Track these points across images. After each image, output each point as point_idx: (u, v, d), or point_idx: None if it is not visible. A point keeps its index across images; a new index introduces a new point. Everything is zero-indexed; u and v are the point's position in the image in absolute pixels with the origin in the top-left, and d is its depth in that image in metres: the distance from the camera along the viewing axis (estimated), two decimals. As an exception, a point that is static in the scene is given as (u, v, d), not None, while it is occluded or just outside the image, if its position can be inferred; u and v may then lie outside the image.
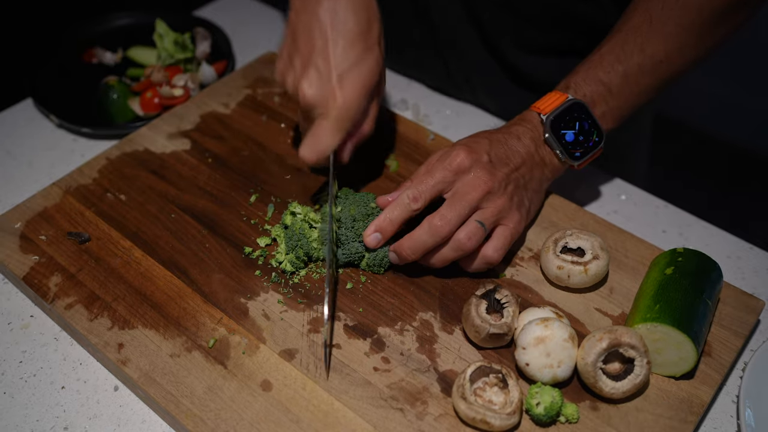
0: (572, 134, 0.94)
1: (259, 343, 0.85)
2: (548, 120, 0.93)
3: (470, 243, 0.86)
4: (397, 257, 0.90)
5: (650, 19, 0.93)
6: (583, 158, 0.96)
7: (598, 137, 0.96)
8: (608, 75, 0.94)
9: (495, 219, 0.88)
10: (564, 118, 0.94)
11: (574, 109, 0.94)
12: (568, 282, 0.89)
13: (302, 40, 0.90)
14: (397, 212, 0.88)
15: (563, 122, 0.94)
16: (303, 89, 0.88)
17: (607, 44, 0.96)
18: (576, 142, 0.95)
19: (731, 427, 0.83)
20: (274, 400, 0.80)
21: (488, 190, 0.87)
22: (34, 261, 0.94)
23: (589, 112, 0.95)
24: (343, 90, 0.88)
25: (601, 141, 0.96)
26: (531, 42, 1.18)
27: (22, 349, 0.89)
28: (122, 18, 1.41)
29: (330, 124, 0.89)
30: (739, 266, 1.00)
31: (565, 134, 0.94)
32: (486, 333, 0.82)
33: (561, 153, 0.94)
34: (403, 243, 0.88)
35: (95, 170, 1.06)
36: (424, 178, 0.88)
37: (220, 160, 1.08)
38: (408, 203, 0.88)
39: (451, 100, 1.27)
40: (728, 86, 2.48)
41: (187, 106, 1.17)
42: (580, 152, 0.95)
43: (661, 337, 0.80)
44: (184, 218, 0.99)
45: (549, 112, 0.93)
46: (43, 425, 0.82)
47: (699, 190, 2.51)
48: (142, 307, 0.89)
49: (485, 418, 0.75)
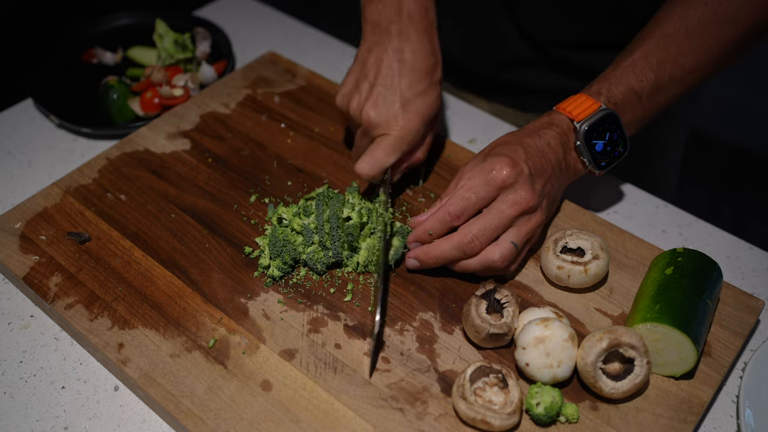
0: (602, 144, 0.94)
1: (259, 343, 0.85)
2: (582, 128, 0.92)
3: (502, 263, 0.87)
4: (418, 264, 0.91)
5: (686, 30, 0.92)
6: (607, 168, 0.96)
7: (623, 148, 0.96)
8: (640, 83, 0.93)
9: (529, 237, 0.89)
10: (597, 128, 0.93)
11: (607, 120, 0.93)
12: (568, 282, 0.89)
13: (372, 71, 0.97)
14: (439, 227, 0.89)
15: (596, 132, 0.93)
16: (368, 110, 0.95)
17: (639, 49, 0.94)
18: (604, 152, 0.95)
19: (731, 426, 0.83)
20: (274, 400, 0.80)
21: (527, 208, 0.87)
22: (34, 261, 0.94)
23: (620, 123, 0.94)
24: (405, 115, 0.95)
25: (626, 152, 0.96)
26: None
27: (22, 349, 0.89)
28: (122, 18, 1.41)
29: (390, 143, 0.95)
30: (739, 266, 1.00)
31: (595, 144, 0.94)
32: (486, 333, 0.82)
33: (589, 162, 0.94)
34: (430, 252, 0.89)
35: (95, 170, 1.06)
36: (466, 194, 0.87)
37: (220, 160, 1.08)
38: (450, 221, 0.88)
39: (450, 100, 1.26)
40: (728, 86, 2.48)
41: (187, 106, 1.17)
42: (605, 162, 0.95)
43: (661, 337, 0.80)
44: (184, 218, 0.99)
45: (582, 119, 0.92)
46: (43, 425, 0.82)
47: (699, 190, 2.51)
48: (142, 307, 0.89)
49: (485, 418, 0.75)
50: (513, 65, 1.24)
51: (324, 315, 0.88)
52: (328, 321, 0.88)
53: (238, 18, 1.47)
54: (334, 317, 0.88)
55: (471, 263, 0.88)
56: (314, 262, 0.92)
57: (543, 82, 1.23)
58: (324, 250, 0.92)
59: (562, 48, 1.18)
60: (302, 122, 1.15)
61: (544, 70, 1.22)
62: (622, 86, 0.94)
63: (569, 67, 1.19)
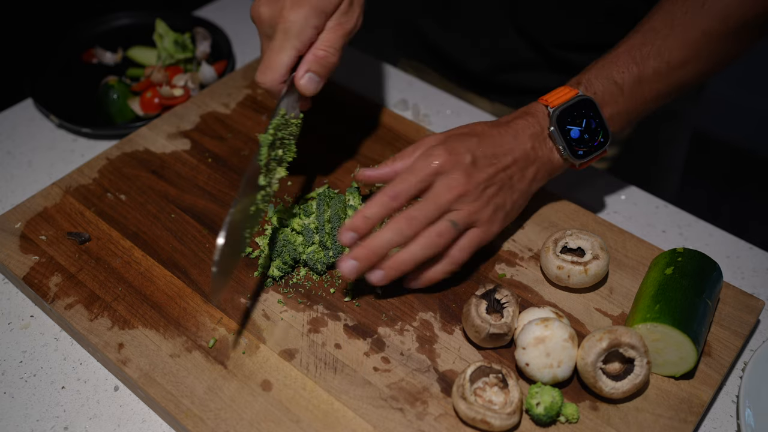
0: (578, 131, 0.92)
1: (259, 343, 0.85)
2: (555, 113, 0.91)
3: (440, 240, 0.85)
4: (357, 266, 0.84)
5: (672, 23, 0.92)
6: (586, 158, 0.93)
7: (604, 138, 0.93)
8: (622, 76, 0.92)
9: (468, 221, 0.87)
10: (572, 113, 0.91)
11: (583, 105, 0.92)
12: (568, 282, 0.89)
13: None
14: (375, 210, 0.85)
15: (570, 117, 0.91)
16: (258, 6, 0.89)
17: (624, 44, 0.94)
18: (581, 139, 0.92)
19: (731, 426, 0.83)
20: (274, 400, 0.80)
21: (462, 193, 0.86)
22: (34, 261, 0.94)
23: (599, 110, 0.92)
24: (291, 7, 0.87)
25: (607, 142, 0.94)
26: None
27: (22, 349, 0.89)
28: (122, 18, 1.41)
29: (277, 38, 0.88)
30: (739, 266, 1.00)
31: (570, 130, 0.92)
32: (486, 333, 0.82)
33: (564, 149, 0.92)
34: (369, 244, 0.84)
35: (95, 170, 1.06)
36: (405, 176, 0.86)
37: (220, 160, 1.08)
38: (387, 201, 0.85)
39: (451, 100, 1.27)
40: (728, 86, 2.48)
41: (186, 106, 1.17)
42: (583, 151, 0.93)
43: (661, 337, 0.80)
44: (184, 218, 0.99)
45: (557, 105, 0.92)
46: (43, 425, 0.82)
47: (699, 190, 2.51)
48: (142, 307, 0.89)
49: (485, 418, 0.75)
50: (514, 66, 1.24)
51: (324, 315, 0.88)
52: (328, 321, 0.88)
53: (238, 18, 1.47)
54: (334, 317, 0.88)
55: (414, 247, 0.84)
56: (314, 262, 0.92)
57: (544, 83, 1.23)
58: (324, 250, 0.92)
59: (562, 49, 1.18)
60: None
61: (544, 71, 1.22)
62: (603, 78, 0.93)
63: (570, 68, 1.19)
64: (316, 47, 0.89)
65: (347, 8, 0.91)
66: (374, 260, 0.84)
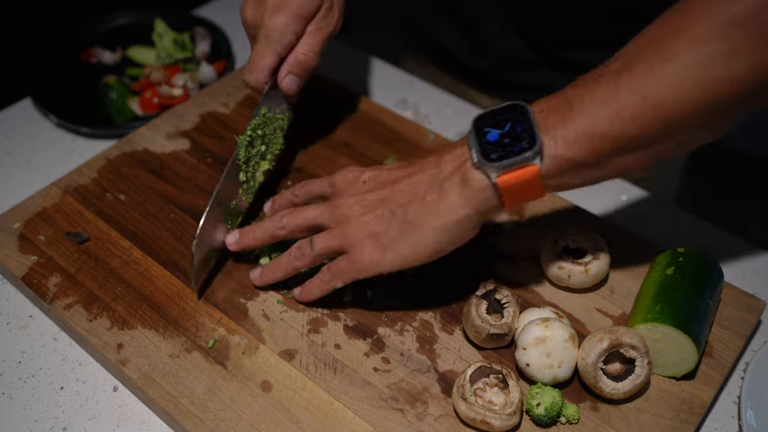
0: (497, 134, 0.75)
1: (258, 343, 0.85)
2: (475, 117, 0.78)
3: (297, 252, 0.85)
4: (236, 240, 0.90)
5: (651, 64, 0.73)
6: (500, 162, 0.73)
7: (529, 144, 0.72)
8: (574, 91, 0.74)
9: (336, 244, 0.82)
10: (495, 117, 0.77)
11: (511, 110, 0.76)
12: (568, 282, 0.89)
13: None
14: (283, 197, 0.92)
15: (493, 121, 0.76)
16: (244, 10, 0.97)
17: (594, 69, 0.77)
18: (499, 143, 0.74)
19: (732, 427, 0.83)
20: (274, 400, 0.80)
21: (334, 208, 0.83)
22: (32, 261, 0.93)
23: (528, 115, 0.74)
24: (273, 11, 0.93)
25: (531, 149, 0.72)
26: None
27: (20, 350, 0.89)
28: (121, 17, 1.41)
29: (259, 44, 0.95)
30: (740, 266, 1.00)
31: (488, 132, 0.75)
32: (486, 333, 0.81)
33: (476, 152, 0.75)
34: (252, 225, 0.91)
35: (94, 170, 1.05)
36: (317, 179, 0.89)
37: (220, 159, 1.08)
38: (292, 189, 0.91)
39: (451, 100, 1.26)
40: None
41: (186, 106, 1.17)
42: (498, 154, 0.73)
43: (662, 337, 0.79)
44: (184, 218, 0.99)
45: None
46: (42, 426, 0.81)
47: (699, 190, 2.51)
48: (141, 307, 0.88)
49: (485, 418, 0.75)
50: (514, 65, 1.24)
51: (324, 315, 0.88)
52: (327, 321, 0.87)
53: (238, 17, 1.45)
54: (333, 317, 0.88)
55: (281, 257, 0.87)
56: None
57: (545, 81, 1.23)
58: None
59: (562, 48, 1.18)
60: (301, 122, 1.15)
61: (545, 70, 1.22)
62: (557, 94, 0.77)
63: (570, 67, 1.19)
64: (297, 51, 0.95)
65: (326, 12, 0.96)
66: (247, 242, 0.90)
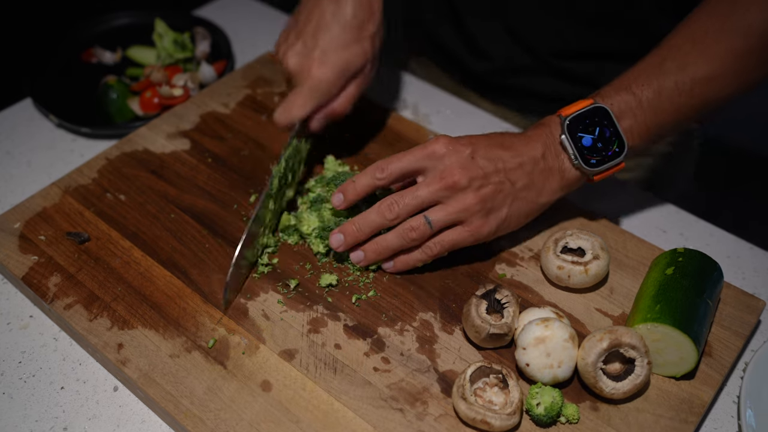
0: (590, 139, 0.88)
1: (258, 343, 0.85)
2: (566, 121, 0.89)
3: (413, 234, 0.87)
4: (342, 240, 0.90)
5: (693, 40, 0.89)
6: (599, 167, 0.89)
7: (619, 147, 0.89)
8: (641, 88, 0.89)
9: (454, 219, 0.87)
10: (584, 121, 0.89)
11: (596, 113, 0.89)
12: (568, 282, 0.89)
13: (302, 21, 0.99)
14: (363, 179, 0.89)
15: (582, 125, 0.89)
16: (288, 57, 0.98)
17: (645, 59, 0.92)
18: (593, 148, 0.89)
19: (732, 427, 0.83)
20: (274, 400, 0.80)
21: (451, 185, 0.85)
22: (33, 261, 0.93)
23: (612, 119, 0.89)
24: (321, 65, 0.96)
25: (622, 152, 0.89)
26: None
27: (21, 350, 0.89)
28: (122, 17, 1.41)
29: (302, 92, 0.97)
30: (740, 266, 1.00)
31: (582, 138, 0.88)
32: (486, 333, 0.81)
33: (575, 157, 0.88)
34: (354, 219, 0.89)
35: (94, 170, 1.06)
36: (399, 155, 0.88)
37: (219, 160, 1.08)
38: (372, 171, 0.88)
39: (451, 100, 1.26)
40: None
41: (186, 106, 1.17)
42: (596, 159, 0.89)
43: (662, 337, 0.80)
44: (184, 218, 0.99)
45: (569, 114, 0.89)
46: (42, 425, 0.82)
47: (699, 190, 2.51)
48: (141, 307, 0.88)
49: (485, 418, 0.75)
50: (513, 71, 1.24)
51: (324, 315, 0.88)
52: (327, 321, 0.87)
53: (238, 18, 1.47)
54: (333, 317, 0.88)
55: (390, 236, 0.89)
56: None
57: (544, 87, 1.23)
58: None
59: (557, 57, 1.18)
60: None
61: (543, 76, 1.22)
62: (621, 90, 0.90)
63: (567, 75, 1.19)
64: (337, 103, 1.00)
65: (369, 69, 1.01)
66: (359, 237, 0.89)
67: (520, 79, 1.24)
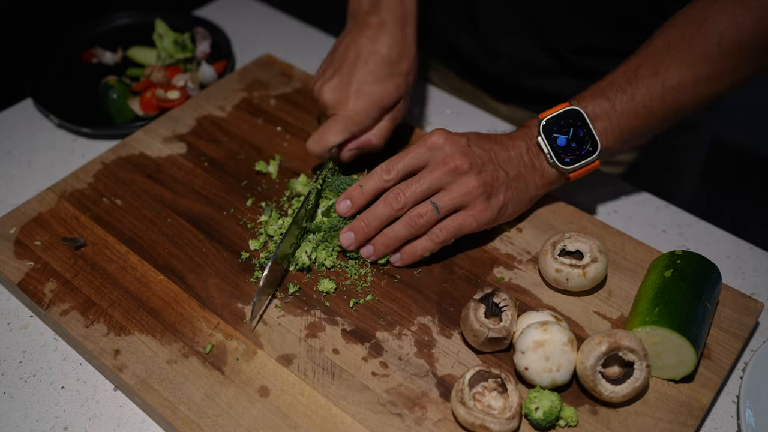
0: (564, 139, 0.93)
1: (256, 348, 0.85)
2: (542, 122, 0.94)
3: (420, 220, 0.89)
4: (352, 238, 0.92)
5: (668, 46, 0.92)
6: (573, 164, 0.94)
7: (592, 147, 0.94)
8: (615, 93, 0.93)
9: (458, 202, 0.90)
10: (558, 122, 0.93)
11: (570, 115, 0.94)
12: (566, 285, 0.89)
13: (339, 56, 1.03)
14: (370, 183, 0.92)
15: (557, 126, 0.94)
16: (324, 91, 1.01)
17: (622, 66, 0.95)
18: (568, 147, 0.94)
19: (731, 427, 0.83)
20: (272, 405, 0.80)
21: (456, 168, 0.89)
22: (29, 267, 0.93)
23: (586, 120, 0.93)
24: (357, 99, 0.99)
25: (596, 151, 0.93)
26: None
27: (21, 350, 0.89)
28: (122, 18, 1.41)
29: (336, 123, 0.99)
30: (739, 266, 1.00)
31: (557, 138, 0.93)
32: (485, 337, 0.81)
33: (549, 156, 0.93)
34: (365, 217, 0.91)
35: (90, 175, 1.05)
36: (401, 155, 0.91)
37: (216, 163, 1.08)
38: (380, 174, 0.91)
39: (451, 100, 1.26)
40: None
41: (182, 110, 1.17)
42: (570, 158, 0.94)
43: (661, 340, 0.79)
44: (181, 223, 0.99)
45: (546, 116, 0.94)
46: (42, 425, 0.82)
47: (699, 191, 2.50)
48: (138, 312, 0.88)
49: (484, 423, 0.75)
50: (530, 71, 1.24)
51: (322, 320, 0.88)
52: (325, 326, 0.87)
53: (238, 18, 1.47)
54: (331, 322, 0.88)
55: (397, 226, 0.90)
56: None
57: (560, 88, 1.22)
58: None
59: (578, 55, 1.18)
60: (298, 125, 1.15)
61: (561, 76, 1.22)
62: (597, 95, 0.94)
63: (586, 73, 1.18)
64: (372, 135, 1.02)
65: (402, 106, 1.04)
66: (368, 232, 0.92)
67: (536, 80, 1.24)
